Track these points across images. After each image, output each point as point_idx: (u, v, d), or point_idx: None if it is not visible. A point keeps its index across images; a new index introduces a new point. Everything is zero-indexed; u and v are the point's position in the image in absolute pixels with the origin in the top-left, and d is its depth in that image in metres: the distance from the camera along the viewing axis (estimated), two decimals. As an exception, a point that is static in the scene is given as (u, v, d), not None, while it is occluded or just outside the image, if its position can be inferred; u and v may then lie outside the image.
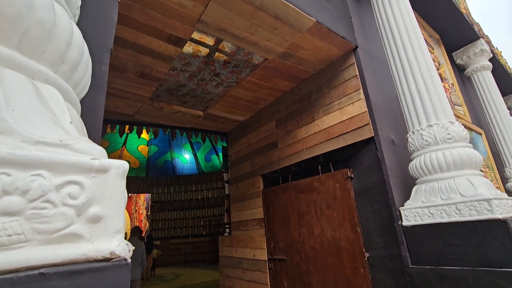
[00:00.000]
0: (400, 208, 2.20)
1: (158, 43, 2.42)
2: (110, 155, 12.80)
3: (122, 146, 13.12)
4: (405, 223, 2.16)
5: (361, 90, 2.60)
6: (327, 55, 2.80)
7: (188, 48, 2.56)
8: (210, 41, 2.49)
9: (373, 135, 2.45)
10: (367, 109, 2.53)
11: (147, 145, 13.77)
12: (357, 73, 2.67)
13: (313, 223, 2.90)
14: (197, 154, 14.69)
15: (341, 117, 2.75)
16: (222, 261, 4.19)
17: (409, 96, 2.32)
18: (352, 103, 2.67)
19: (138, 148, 13.54)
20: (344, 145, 2.68)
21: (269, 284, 3.25)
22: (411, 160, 2.30)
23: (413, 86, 2.32)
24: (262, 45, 2.56)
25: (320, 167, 3.06)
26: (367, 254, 2.45)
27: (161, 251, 11.48)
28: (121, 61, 2.58)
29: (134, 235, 4.89)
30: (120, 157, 12.97)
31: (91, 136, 1.02)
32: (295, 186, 3.18)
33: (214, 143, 4.93)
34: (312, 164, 3.11)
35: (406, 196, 2.31)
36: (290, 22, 2.30)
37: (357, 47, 2.70)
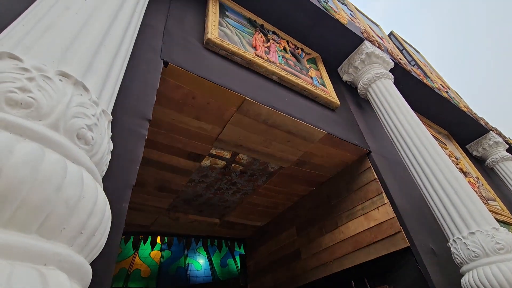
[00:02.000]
0: None
1: (178, 160, 2.56)
2: (121, 263, 12.05)
3: (134, 252, 12.50)
4: None
5: (384, 194, 2.49)
6: (341, 160, 2.84)
7: (206, 161, 2.68)
8: (227, 154, 2.63)
9: (408, 244, 2.19)
10: (394, 215, 2.35)
11: (160, 251, 13.07)
12: (376, 176, 2.62)
13: None
14: (212, 259, 13.61)
15: (368, 224, 2.55)
16: None
17: (438, 201, 2.17)
18: (377, 208, 2.52)
19: (151, 254, 12.82)
20: (377, 256, 2.38)
21: None
22: (462, 275, 1.95)
23: (439, 189, 2.20)
24: (276, 155, 2.65)
25: (353, 283, 2.64)
26: None
27: None
28: (142, 177, 2.69)
29: None
30: (131, 265, 12.15)
31: (102, 282, 0.92)
32: (326, 308, 2.69)
33: (230, 248, 4.58)
34: (344, 279, 2.71)
35: (470, 326, 1.85)
36: (302, 135, 2.43)
37: (370, 151, 2.75)
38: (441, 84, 6.45)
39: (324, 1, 3.09)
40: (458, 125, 4.81)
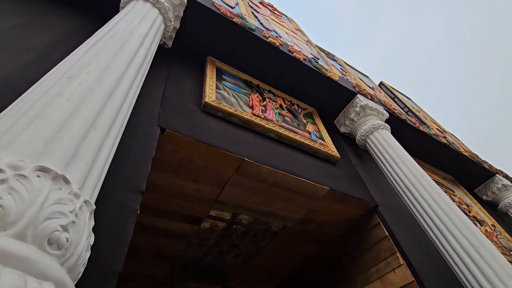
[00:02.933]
0: None
1: (176, 224, 2.42)
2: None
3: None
4: None
5: (398, 254, 2.29)
6: (348, 216, 2.69)
7: (206, 224, 2.53)
8: (227, 215, 2.49)
9: (434, 315, 1.93)
10: (414, 278, 2.12)
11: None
12: (386, 233, 2.44)
13: None
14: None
15: (385, 289, 2.29)
16: None
17: (459, 261, 1.98)
18: (393, 270, 2.29)
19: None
20: (400, 330, 2.08)
21: None
22: None
23: (457, 247, 2.02)
24: (279, 214, 2.52)
25: None
26: None
27: None
28: (137, 244, 2.52)
29: None
30: None
31: None
32: None
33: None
34: None
35: None
36: (304, 193, 2.34)
37: (377, 205, 2.61)
38: (437, 129, 6.55)
39: (315, 61, 3.27)
40: (462, 170, 4.72)
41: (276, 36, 3.11)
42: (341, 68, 6.35)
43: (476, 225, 3.58)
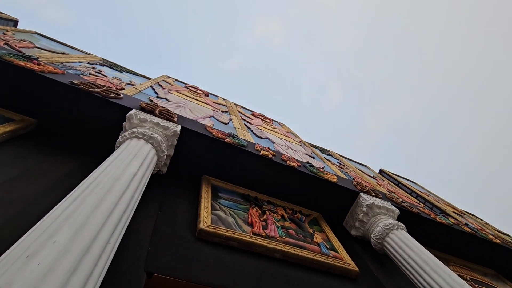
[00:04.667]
0: None
1: None
2: None
3: None
4: None
5: None
6: None
7: None
8: None
9: None
10: None
11: None
12: None
13: None
14: None
15: None
16: None
17: None
18: None
19: None
20: None
21: None
22: None
23: None
24: None
25: None
26: None
27: None
28: None
29: None
30: None
31: None
32: None
33: None
34: None
35: None
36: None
37: (419, 333, 2.09)
38: (454, 212, 6.14)
39: (309, 166, 3.30)
40: (499, 259, 4.12)
41: (268, 148, 3.22)
42: (338, 162, 6.46)
43: None
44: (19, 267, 0.80)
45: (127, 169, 1.62)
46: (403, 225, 2.94)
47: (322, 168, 4.14)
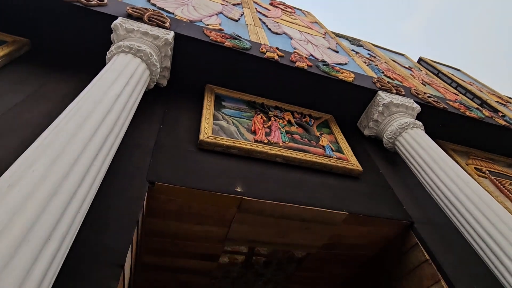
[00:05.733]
0: None
1: (193, 262, 2.41)
2: None
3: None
4: None
5: (443, 283, 1.94)
6: (379, 236, 2.38)
7: (224, 259, 2.47)
8: (243, 249, 2.40)
9: None
10: (463, 315, 1.77)
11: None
12: (427, 256, 2.09)
13: None
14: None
15: (431, 324, 1.96)
16: None
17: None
18: (438, 302, 1.95)
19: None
20: None
21: None
22: None
23: (517, 277, 1.63)
24: (298, 243, 2.34)
25: None
26: None
27: None
28: (161, 282, 2.57)
29: None
30: None
31: None
32: None
33: None
34: None
35: None
36: (319, 221, 2.12)
37: (412, 222, 2.26)
38: (497, 101, 5.55)
39: (323, 65, 2.98)
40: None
41: (276, 48, 2.90)
42: (368, 54, 5.79)
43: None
44: (1, 197, 0.92)
45: (110, 90, 1.61)
46: (420, 123, 2.76)
47: (343, 63, 3.75)
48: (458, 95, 5.21)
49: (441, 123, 3.40)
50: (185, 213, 1.94)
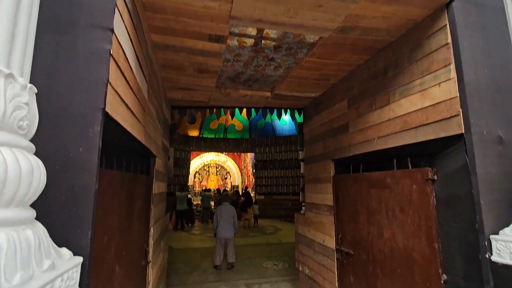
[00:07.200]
0: (492, 236, 1.61)
1: (202, 43, 2.41)
2: (220, 119, 14.40)
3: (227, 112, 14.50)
4: (495, 258, 1.58)
5: (452, 66, 1.86)
6: (404, 18, 2.09)
7: (232, 41, 2.44)
8: (251, 31, 2.28)
9: (463, 131, 1.78)
10: (458, 94, 1.82)
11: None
12: (449, 39, 1.90)
13: (383, 225, 2.53)
14: (296, 116, 14.61)
15: (422, 103, 2.10)
16: (297, 238, 4.33)
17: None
18: (438, 84, 1.97)
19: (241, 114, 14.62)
20: (424, 139, 2.08)
21: (336, 273, 3.17)
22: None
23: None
24: (309, 25, 2.15)
25: (395, 160, 2.53)
26: (444, 277, 1.99)
27: (265, 205, 13.02)
28: (178, 62, 2.75)
29: (225, 200, 5.63)
30: (226, 120, 14.49)
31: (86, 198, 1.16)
32: (367, 178, 2.79)
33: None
34: (387, 155, 2.60)
35: (508, 220, 1.66)
36: (335, -5, 1.80)
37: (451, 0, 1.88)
38: None
39: None
40: None
41: None
42: None
43: None
44: None
45: None
46: None
47: None
48: None
49: None
50: (178, -20, 1.68)
